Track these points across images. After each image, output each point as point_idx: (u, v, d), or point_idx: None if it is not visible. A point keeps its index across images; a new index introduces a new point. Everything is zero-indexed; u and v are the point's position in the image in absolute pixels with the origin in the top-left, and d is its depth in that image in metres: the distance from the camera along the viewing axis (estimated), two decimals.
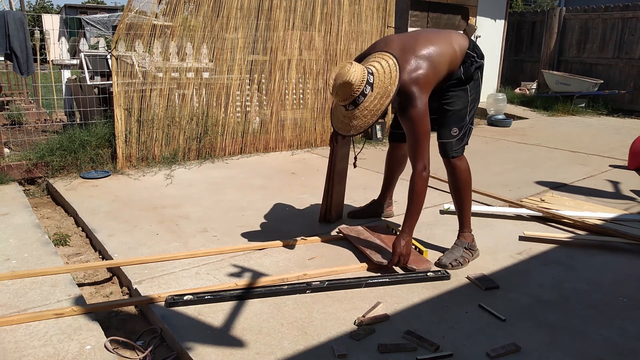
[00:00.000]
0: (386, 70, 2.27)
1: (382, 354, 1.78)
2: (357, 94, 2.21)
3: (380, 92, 2.25)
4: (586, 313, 2.11)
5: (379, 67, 2.29)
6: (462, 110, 2.51)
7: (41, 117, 6.12)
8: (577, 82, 9.05)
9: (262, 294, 2.16)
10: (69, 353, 1.78)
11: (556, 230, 3.07)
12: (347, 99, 2.23)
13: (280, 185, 3.92)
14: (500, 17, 9.12)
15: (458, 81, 2.48)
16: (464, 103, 2.50)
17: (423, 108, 2.31)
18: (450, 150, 2.56)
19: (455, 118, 2.52)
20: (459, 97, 2.50)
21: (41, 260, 2.51)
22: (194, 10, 4.46)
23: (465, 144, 2.60)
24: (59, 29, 11.20)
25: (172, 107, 4.49)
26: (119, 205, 3.36)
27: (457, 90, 2.49)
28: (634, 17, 8.90)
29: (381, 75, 2.26)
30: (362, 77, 2.20)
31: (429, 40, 2.43)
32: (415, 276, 2.34)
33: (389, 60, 2.29)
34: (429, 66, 2.34)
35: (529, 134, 6.61)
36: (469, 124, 2.58)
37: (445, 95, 2.52)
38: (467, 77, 2.48)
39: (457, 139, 2.55)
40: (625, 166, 4.79)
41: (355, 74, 2.18)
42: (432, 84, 2.39)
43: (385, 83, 2.25)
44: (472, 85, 2.51)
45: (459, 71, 2.47)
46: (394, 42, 2.46)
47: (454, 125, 2.52)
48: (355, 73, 2.19)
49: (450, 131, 2.53)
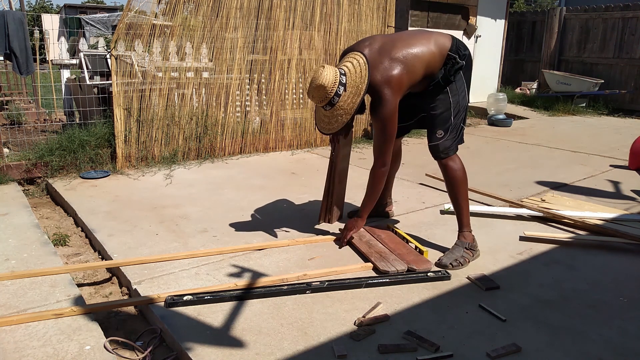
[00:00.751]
0: (357, 69, 2.38)
1: (382, 354, 1.78)
2: (332, 95, 2.36)
3: (352, 90, 2.38)
4: (586, 313, 2.11)
5: (351, 66, 2.40)
6: (444, 113, 2.56)
7: (40, 117, 6.12)
8: (577, 81, 9.05)
9: (262, 294, 2.16)
10: (68, 353, 1.77)
11: (557, 230, 3.07)
12: (323, 100, 2.39)
13: (280, 185, 3.91)
14: (500, 17, 9.11)
15: (438, 84, 2.52)
16: (446, 105, 2.55)
17: (392, 109, 2.42)
18: (438, 151, 2.60)
19: (438, 121, 2.57)
20: (441, 100, 2.55)
21: (40, 261, 2.51)
22: (194, 9, 4.45)
23: (456, 143, 2.60)
24: (59, 29, 11.20)
25: (172, 106, 4.49)
26: (118, 205, 3.36)
27: (440, 94, 2.54)
28: (634, 17, 8.89)
29: (353, 74, 2.38)
30: (334, 79, 2.34)
31: (407, 42, 2.49)
32: (415, 276, 2.34)
33: (359, 60, 2.40)
34: (403, 68, 2.41)
35: (530, 134, 6.60)
36: (459, 124, 2.59)
37: (429, 99, 2.57)
38: (445, 80, 2.51)
39: (444, 140, 2.57)
40: (626, 166, 4.79)
41: (327, 77, 2.33)
42: (406, 85, 2.46)
43: (357, 82, 2.37)
44: (453, 87, 2.54)
45: (439, 73, 2.50)
46: (375, 42, 2.53)
47: (438, 128, 2.58)
48: (328, 76, 2.33)
49: (435, 134, 2.59)
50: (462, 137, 2.64)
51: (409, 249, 2.61)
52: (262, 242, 2.75)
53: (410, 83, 2.47)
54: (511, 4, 11.28)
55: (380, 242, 2.71)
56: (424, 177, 4.15)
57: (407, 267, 2.41)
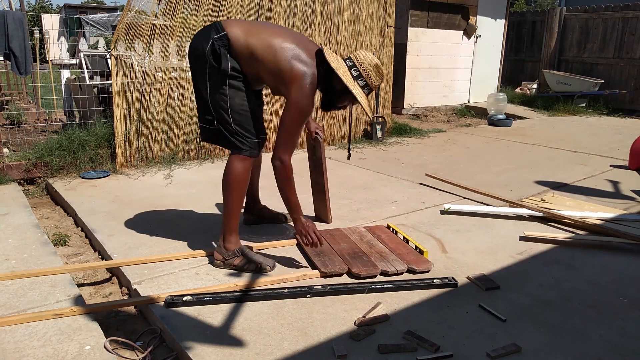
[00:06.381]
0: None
1: (382, 354, 1.78)
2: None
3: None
4: (586, 313, 2.11)
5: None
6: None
7: (40, 117, 6.12)
8: (577, 81, 9.05)
9: (262, 297, 2.15)
10: (68, 353, 1.77)
11: (557, 230, 3.07)
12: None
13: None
14: (500, 17, 9.11)
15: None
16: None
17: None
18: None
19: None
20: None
21: (40, 261, 2.51)
22: (194, 10, 4.45)
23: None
24: (59, 29, 11.19)
25: (172, 106, 4.49)
26: (118, 205, 3.36)
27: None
28: (634, 17, 8.89)
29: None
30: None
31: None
32: (421, 283, 2.29)
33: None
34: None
35: (530, 134, 6.60)
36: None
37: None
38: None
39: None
40: (626, 166, 4.79)
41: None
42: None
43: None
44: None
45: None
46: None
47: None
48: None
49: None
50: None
51: (409, 249, 2.61)
52: (262, 242, 2.75)
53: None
54: (511, 4, 11.28)
55: (381, 242, 2.71)
56: (424, 177, 4.15)
57: (407, 267, 2.41)
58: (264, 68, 2.30)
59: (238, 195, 2.42)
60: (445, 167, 4.61)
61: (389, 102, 6.16)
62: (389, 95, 6.14)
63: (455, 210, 3.31)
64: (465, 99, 8.98)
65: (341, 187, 3.84)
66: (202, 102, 2.41)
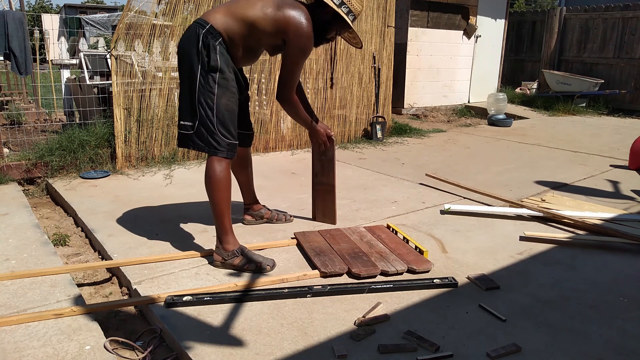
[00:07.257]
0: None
1: (382, 354, 1.78)
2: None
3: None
4: (586, 313, 2.11)
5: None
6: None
7: (40, 117, 6.12)
8: (577, 81, 9.05)
9: (262, 297, 2.15)
10: (68, 353, 1.77)
11: (557, 230, 3.07)
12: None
13: (280, 185, 3.91)
14: (500, 17, 9.11)
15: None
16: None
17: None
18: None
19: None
20: None
21: (40, 261, 2.51)
22: (194, 10, 4.45)
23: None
24: (59, 29, 11.19)
25: (172, 106, 4.49)
26: (118, 205, 3.36)
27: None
28: (634, 17, 8.90)
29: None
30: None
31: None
32: (421, 283, 2.29)
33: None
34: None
35: (530, 134, 6.60)
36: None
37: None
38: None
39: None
40: (626, 166, 4.79)
41: None
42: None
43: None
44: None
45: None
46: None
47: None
48: None
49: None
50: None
51: (409, 249, 2.61)
52: (262, 242, 2.75)
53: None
54: (511, 4, 11.28)
55: (381, 242, 2.71)
56: (424, 177, 4.15)
57: (407, 267, 2.41)
58: (259, 32, 2.35)
59: (223, 195, 2.42)
60: (445, 167, 4.61)
61: (389, 102, 6.16)
62: (389, 95, 6.14)
63: (455, 210, 3.31)
64: (465, 99, 8.99)
65: (341, 187, 3.84)
66: (185, 104, 2.40)
